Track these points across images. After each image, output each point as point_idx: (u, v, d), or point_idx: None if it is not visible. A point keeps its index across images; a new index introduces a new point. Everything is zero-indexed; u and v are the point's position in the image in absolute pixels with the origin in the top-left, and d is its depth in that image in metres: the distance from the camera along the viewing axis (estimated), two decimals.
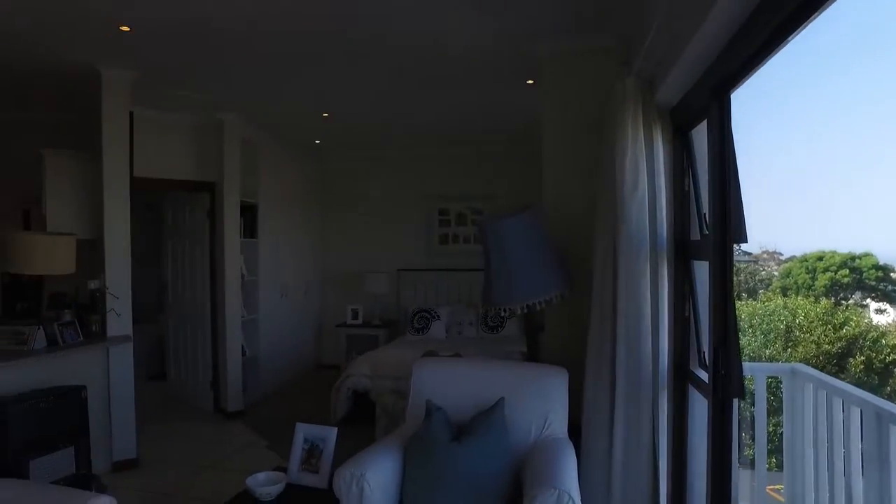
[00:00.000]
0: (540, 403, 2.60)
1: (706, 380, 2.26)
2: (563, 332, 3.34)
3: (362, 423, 4.92)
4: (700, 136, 2.39)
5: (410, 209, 7.20)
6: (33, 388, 3.41)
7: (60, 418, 3.33)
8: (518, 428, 2.54)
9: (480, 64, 3.99)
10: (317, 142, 6.61)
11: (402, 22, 3.31)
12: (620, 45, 3.34)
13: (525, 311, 2.97)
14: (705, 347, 2.34)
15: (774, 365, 6.16)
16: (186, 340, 5.81)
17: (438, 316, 6.38)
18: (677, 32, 1.95)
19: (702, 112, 2.17)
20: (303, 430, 2.71)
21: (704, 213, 2.34)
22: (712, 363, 1.97)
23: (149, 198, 7.30)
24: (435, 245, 7.13)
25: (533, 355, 3.35)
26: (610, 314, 2.67)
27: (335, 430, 2.65)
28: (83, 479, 3.41)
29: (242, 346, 5.66)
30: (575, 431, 2.71)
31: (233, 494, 3.67)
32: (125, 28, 3.38)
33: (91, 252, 4.41)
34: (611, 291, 2.67)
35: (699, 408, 2.44)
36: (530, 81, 4.26)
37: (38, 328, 3.63)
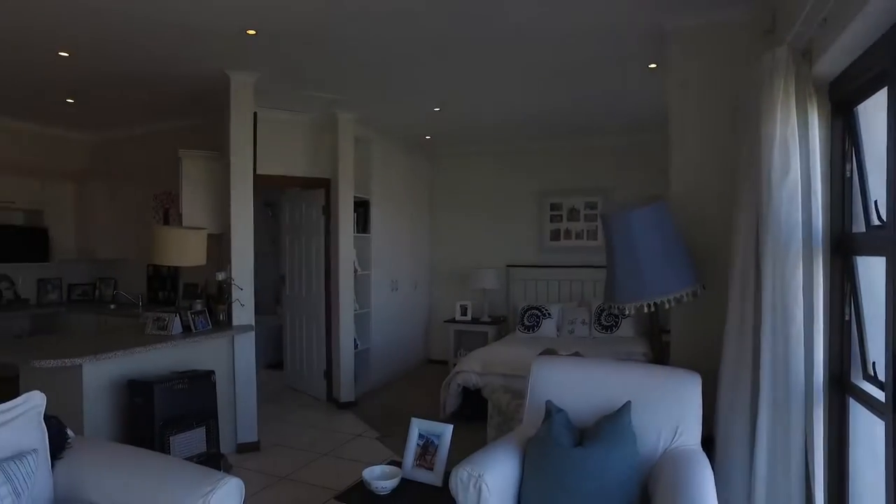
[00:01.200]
0: (670, 410, 2.38)
1: (875, 394, 1.96)
2: (693, 334, 3.08)
3: (472, 419, 4.87)
4: (868, 112, 2.07)
5: (521, 204, 7.06)
6: (171, 370, 3.66)
7: (194, 400, 3.54)
8: (646, 435, 2.34)
9: (602, 48, 3.77)
10: (427, 137, 6.64)
11: (523, 4, 3.17)
12: (761, 15, 3.00)
13: (651, 309, 2.75)
14: (875, 357, 2.02)
15: None
16: (302, 332, 6.04)
17: (549, 314, 6.20)
18: None
19: (876, 82, 1.86)
20: (418, 426, 2.67)
21: (875, 202, 2.02)
22: (893, 376, 1.68)
23: (267, 196, 7.73)
24: (546, 241, 6.94)
25: (658, 357, 3.10)
26: (751, 316, 2.40)
27: (451, 426, 2.58)
28: (213, 458, 3.61)
29: (355, 340, 5.80)
30: (705, 443, 2.47)
31: (346, 483, 3.77)
32: (251, 32, 3.53)
33: (218, 246, 4.69)
34: (753, 291, 2.40)
35: (865, 427, 2.12)
36: (653, 66, 3.98)
37: (176, 316, 3.90)
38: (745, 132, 2.53)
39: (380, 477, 2.49)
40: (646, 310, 2.75)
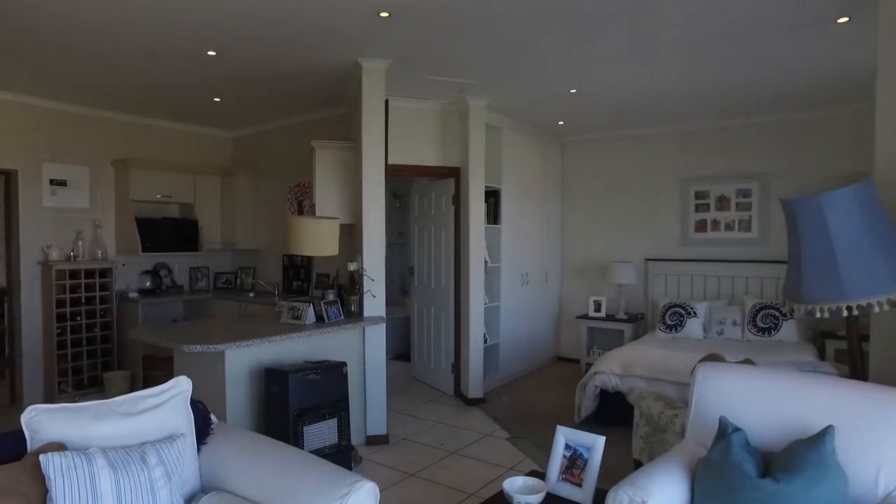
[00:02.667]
0: (892, 443, 1.90)
1: None
2: None
3: (609, 424, 4.51)
4: None
5: (662, 193, 6.49)
6: (305, 360, 3.67)
7: (326, 390, 3.52)
8: (858, 473, 1.88)
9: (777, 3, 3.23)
10: (560, 123, 6.28)
11: None
12: None
13: (854, 313, 2.26)
14: None
15: None
16: (430, 324, 5.96)
17: (694, 312, 5.61)
18: None
19: None
20: (564, 435, 2.39)
21: None
22: None
23: (395, 187, 7.77)
24: (690, 232, 6.31)
25: (856, 371, 2.58)
26: None
27: (602, 438, 2.28)
28: (344, 451, 3.57)
29: (484, 334, 5.61)
30: None
31: (475, 485, 3.58)
32: (384, 14, 3.41)
33: (350, 236, 4.69)
34: None
35: None
36: (843, 19, 3.35)
37: (310, 305, 3.91)
38: None
39: (522, 490, 2.25)
40: (845, 313, 2.26)
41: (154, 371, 5.41)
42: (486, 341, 5.68)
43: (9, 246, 5.45)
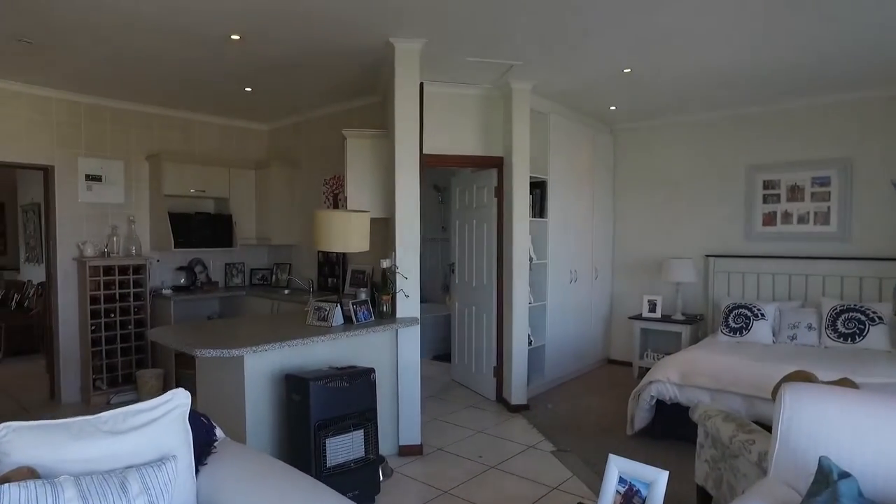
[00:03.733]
0: None
1: None
2: None
3: (664, 437, 4.09)
4: None
5: (724, 182, 5.93)
6: (329, 366, 3.39)
7: (352, 399, 3.21)
8: None
9: None
10: (612, 108, 5.80)
11: None
12: None
13: None
14: None
15: None
16: (471, 324, 5.61)
17: (762, 314, 5.07)
18: None
19: None
20: (618, 466, 2.00)
21: None
22: None
23: (436, 179, 7.45)
24: (757, 226, 5.74)
25: None
26: None
27: (665, 474, 1.88)
28: (371, 465, 3.26)
29: (528, 336, 5.23)
30: None
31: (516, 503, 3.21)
32: None
33: (385, 231, 4.39)
34: None
35: None
36: None
37: (337, 306, 3.63)
38: None
39: None
40: None
41: (186, 370, 5.26)
42: (530, 343, 5.29)
43: (47, 242, 5.41)
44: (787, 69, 4.51)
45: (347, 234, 3.66)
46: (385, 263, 4.04)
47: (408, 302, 3.95)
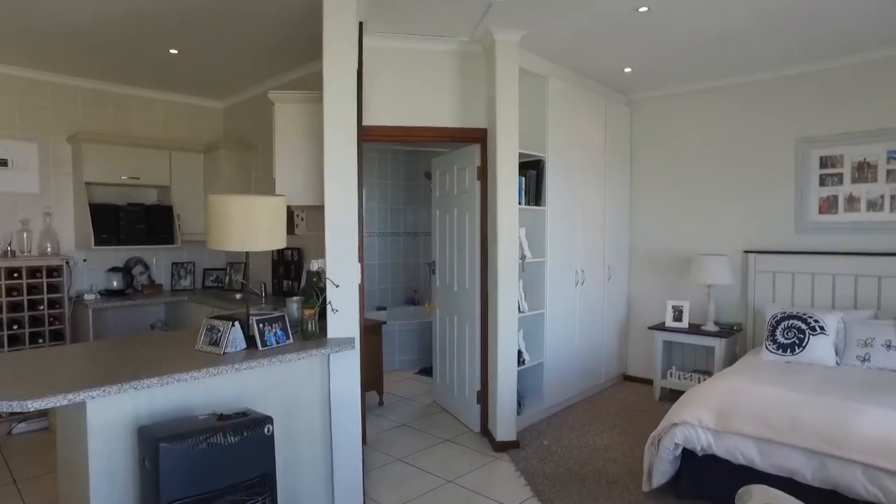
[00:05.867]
0: None
1: None
2: None
3: (698, 499, 3.04)
4: None
5: (768, 160, 4.78)
6: (214, 412, 2.40)
7: (235, 464, 2.23)
8: None
9: None
10: (627, 70, 4.69)
11: None
12: None
13: None
14: None
15: None
16: (452, 337, 4.59)
17: (821, 327, 3.94)
18: None
19: None
20: None
21: None
22: None
23: (427, 164, 6.46)
24: (811, 214, 4.59)
25: None
26: None
27: None
28: None
29: (520, 352, 4.19)
30: None
31: None
32: None
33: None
34: None
35: None
36: None
37: (233, 325, 2.64)
38: None
39: None
40: None
41: None
42: (523, 362, 4.26)
43: None
44: (845, 15, 3.38)
45: (253, 227, 2.67)
46: (315, 265, 3.06)
47: (340, 318, 2.94)
